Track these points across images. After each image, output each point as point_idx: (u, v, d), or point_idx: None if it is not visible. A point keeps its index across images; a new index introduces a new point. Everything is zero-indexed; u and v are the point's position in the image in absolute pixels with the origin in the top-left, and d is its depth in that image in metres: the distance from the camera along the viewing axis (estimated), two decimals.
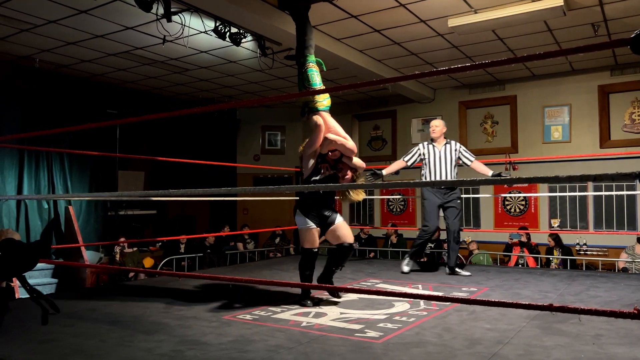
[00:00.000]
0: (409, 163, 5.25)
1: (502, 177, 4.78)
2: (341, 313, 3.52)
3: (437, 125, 5.17)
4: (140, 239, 8.13)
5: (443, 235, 8.31)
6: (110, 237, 7.73)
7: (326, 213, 3.88)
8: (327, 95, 3.90)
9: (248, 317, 3.43)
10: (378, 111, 9.89)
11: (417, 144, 5.34)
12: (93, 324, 3.26)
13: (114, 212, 8.32)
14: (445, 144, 5.13)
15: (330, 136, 3.76)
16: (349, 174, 3.87)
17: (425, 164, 5.16)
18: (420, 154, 5.19)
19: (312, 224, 3.81)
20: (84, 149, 6.85)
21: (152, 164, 9.39)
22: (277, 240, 9.41)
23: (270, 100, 2.20)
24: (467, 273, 5.10)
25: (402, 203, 9.54)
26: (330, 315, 3.45)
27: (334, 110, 11.32)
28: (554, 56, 1.51)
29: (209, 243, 8.44)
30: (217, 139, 10.43)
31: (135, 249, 7.86)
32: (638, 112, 7.63)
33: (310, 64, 3.92)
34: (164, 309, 3.70)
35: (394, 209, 9.63)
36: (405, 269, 5.23)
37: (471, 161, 5.13)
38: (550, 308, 1.50)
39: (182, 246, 8.33)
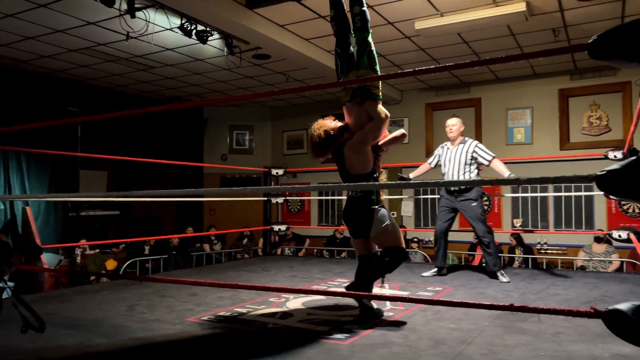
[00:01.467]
0: (432, 165, 5.10)
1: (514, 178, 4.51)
2: (308, 314, 3.51)
3: (454, 124, 4.90)
4: (102, 240, 7.92)
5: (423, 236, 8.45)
6: (71, 239, 7.50)
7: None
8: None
9: (213, 318, 3.38)
10: None
11: None
12: (52, 328, 3.13)
13: (74, 213, 8.06)
14: (460, 144, 4.85)
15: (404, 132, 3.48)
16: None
17: (442, 165, 4.98)
18: (437, 155, 5.03)
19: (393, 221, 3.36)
20: (43, 147, 6.61)
21: (115, 163, 9.16)
22: (245, 241, 9.32)
23: (238, 99, 2.17)
24: (506, 279, 4.66)
25: None
26: (297, 317, 3.43)
27: (303, 110, 11.26)
28: (516, 59, 1.53)
29: (174, 244, 8.30)
30: (184, 138, 10.26)
31: (97, 250, 7.65)
32: (596, 115, 7.91)
33: (372, 43, 3.38)
34: (125, 312, 3.60)
35: None
36: (427, 274, 5.03)
37: (489, 160, 4.76)
38: (511, 308, 1.53)
39: (147, 248, 8.15)
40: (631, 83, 7.49)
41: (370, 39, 3.38)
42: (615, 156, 4.76)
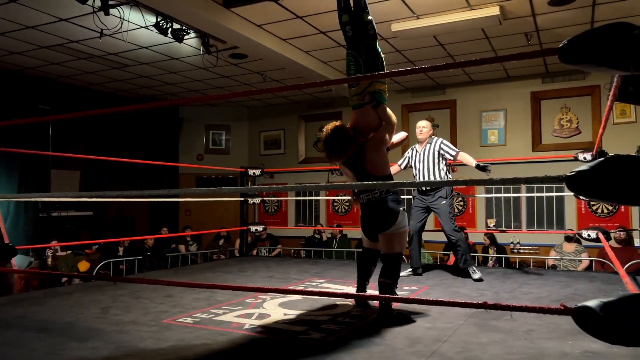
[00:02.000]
0: (402, 167, 5.17)
1: (482, 166, 4.63)
2: (285, 314, 3.51)
3: (424, 127, 4.96)
4: (75, 241, 7.75)
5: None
6: (42, 240, 7.31)
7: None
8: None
9: (189, 320, 3.34)
10: (324, 112, 9.95)
11: None
12: (21, 332, 3.07)
13: (45, 214, 7.88)
14: (426, 144, 4.92)
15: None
16: None
17: (413, 167, 5.06)
18: (407, 158, 5.11)
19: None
20: (13, 146, 6.43)
21: (88, 162, 8.98)
22: (221, 241, 9.24)
23: (214, 99, 2.16)
24: (477, 275, 4.71)
25: (347, 204, 9.64)
26: (274, 317, 3.43)
27: (280, 110, 11.24)
28: (490, 62, 1.56)
29: (149, 245, 8.18)
30: (159, 138, 10.12)
31: (69, 252, 7.49)
32: (566, 117, 8.11)
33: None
34: (99, 314, 3.54)
35: (339, 210, 9.72)
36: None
37: (453, 155, 4.82)
38: (485, 306, 1.56)
39: (122, 249, 8.02)
40: (600, 87, 7.70)
41: (378, 47, 3.53)
42: (584, 158, 4.89)
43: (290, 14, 5.49)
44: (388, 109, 3.45)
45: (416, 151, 5.01)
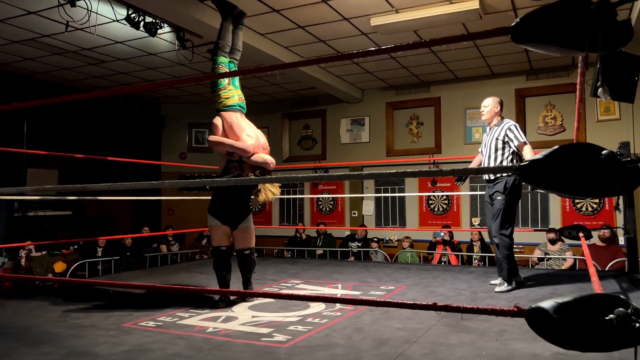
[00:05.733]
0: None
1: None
2: (253, 316, 3.38)
3: (486, 106, 4.38)
4: (53, 241, 7.55)
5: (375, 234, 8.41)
6: (16, 240, 7.12)
7: (233, 214, 3.87)
8: (232, 94, 3.93)
9: (151, 323, 3.21)
10: (308, 110, 9.81)
11: (346, 144, 5.15)
12: None
13: (20, 213, 7.68)
14: (494, 126, 4.29)
15: (211, 137, 3.83)
16: (250, 175, 3.86)
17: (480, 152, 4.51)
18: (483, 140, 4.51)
19: (216, 221, 3.83)
20: None
21: (67, 161, 8.80)
22: (204, 241, 9.08)
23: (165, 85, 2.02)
24: (504, 288, 4.09)
25: (332, 202, 9.52)
26: (241, 319, 3.30)
27: (264, 108, 11.08)
28: (424, 46, 1.45)
29: (127, 245, 8.01)
30: (141, 137, 9.94)
31: (44, 252, 7.30)
32: (551, 115, 8.04)
33: (218, 65, 4.02)
34: (59, 317, 3.40)
35: (324, 209, 9.60)
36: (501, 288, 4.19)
37: (515, 145, 4.12)
38: (434, 307, 1.44)
39: (100, 249, 7.84)
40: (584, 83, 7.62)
41: (213, 62, 4.11)
42: None
43: (267, 7, 5.35)
44: (214, 119, 3.94)
45: (486, 134, 4.44)
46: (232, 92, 3.96)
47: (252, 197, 3.90)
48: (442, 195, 8.54)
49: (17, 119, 7.51)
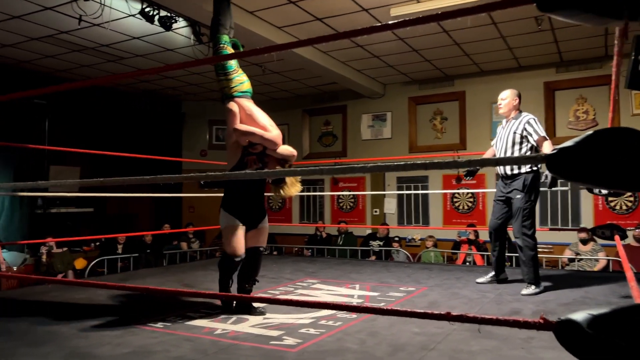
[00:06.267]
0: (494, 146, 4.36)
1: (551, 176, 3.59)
2: (264, 318, 3.24)
3: (504, 98, 4.15)
4: (73, 238, 7.59)
5: (394, 233, 8.20)
6: (37, 237, 7.17)
7: (254, 212, 3.51)
8: (243, 79, 3.56)
9: (159, 324, 3.10)
10: (329, 106, 9.65)
11: (367, 140, 4.96)
12: None
13: (42, 210, 7.73)
14: (512, 119, 4.07)
15: (242, 127, 3.35)
16: (278, 168, 3.44)
17: (494, 146, 4.30)
18: (497, 137, 4.29)
19: (237, 221, 3.37)
20: (7, 141, 6.28)
21: (88, 159, 8.84)
22: None
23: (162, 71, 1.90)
24: (531, 291, 3.87)
25: (352, 200, 9.34)
26: (252, 321, 3.17)
27: (284, 104, 10.96)
28: (451, 17, 1.27)
29: (148, 242, 7.99)
30: (161, 135, 9.94)
31: (65, 249, 7.33)
32: (582, 109, 7.68)
33: (222, 45, 3.59)
34: (67, 316, 3.32)
35: (344, 206, 9.43)
36: (480, 280, 4.35)
37: (535, 140, 3.91)
38: (448, 317, 1.27)
39: (120, 246, 7.85)
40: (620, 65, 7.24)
41: (215, 42, 3.68)
42: None
43: None
44: (227, 105, 3.46)
45: (502, 127, 4.20)
46: (244, 76, 3.58)
47: (277, 192, 3.40)
48: (468, 193, 8.26)
49: (39, 117, 7.55)
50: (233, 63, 3.53)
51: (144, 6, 4.97)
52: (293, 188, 3.39)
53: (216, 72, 3.56)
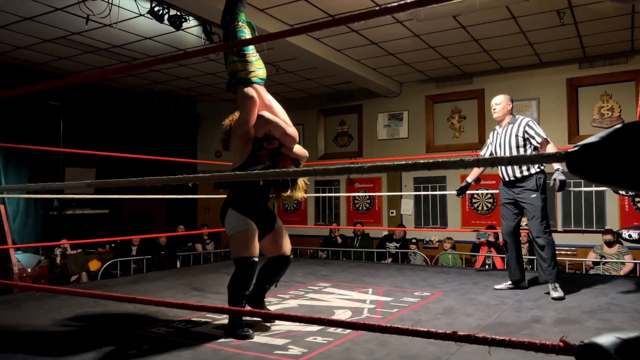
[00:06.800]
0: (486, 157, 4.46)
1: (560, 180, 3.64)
2: (272, 324, 3.12)
3: (498, 103, 4.07)
4: (87, 240, 7.60)
5: (411, 235, 8.01)
6: (52, 239, 7.19)
7: (267, 212, 3.18)
8: (262, 65, 3.16)
9: (162, 330, 3.01)
10: (344, 106, 9.50)
11: (383, 140, 4.77)
12: None
13: (56, 212, 7.75)
14: (509, 124, 4.01)
15: (266, 115, 2.96)
16: (292, 167, 3.13)
17: (494, 154, 4.18)
18: (488, 144, 4.24)
19: (251, 223, 2.96)
20: (23, 143, 6.30)
21: (104, 161, 8.86)
22: None
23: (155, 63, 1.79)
24: (557, 294, 3.76)
25: (368, 201, 9.17)
26: (258, 327, 3.04)
27: (299, 104, 10.84)
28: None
29: (162, 244, 7.96)
30: (176, 136, 9.92)
31: (79, 250, 7.34)
32: (607, 106, 7.39)
33: (240, 23, 3.18)
34: (69, 320, 3.25)
35: (360, 208, 9.26)
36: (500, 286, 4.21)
37: (539, 142, 3.86)
38: (454, 337, 1.12)
39: (135, 248, 7.83)
40: None
41: (230, 19, 3.28)
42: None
43: None
44: (244, 89, 3.03)
45: (497, 133, 4.11)
46: (261, 62, 3.17)
47: (284, 194, 3.16)
48: (487, 194, 8.03)
49: (54, 119, 7.57)
50: (250, 46, 3.13)
51: (153, 5, 4.90)
52: (300, 192, 3.18)
53: (232, 53, 3.10)
